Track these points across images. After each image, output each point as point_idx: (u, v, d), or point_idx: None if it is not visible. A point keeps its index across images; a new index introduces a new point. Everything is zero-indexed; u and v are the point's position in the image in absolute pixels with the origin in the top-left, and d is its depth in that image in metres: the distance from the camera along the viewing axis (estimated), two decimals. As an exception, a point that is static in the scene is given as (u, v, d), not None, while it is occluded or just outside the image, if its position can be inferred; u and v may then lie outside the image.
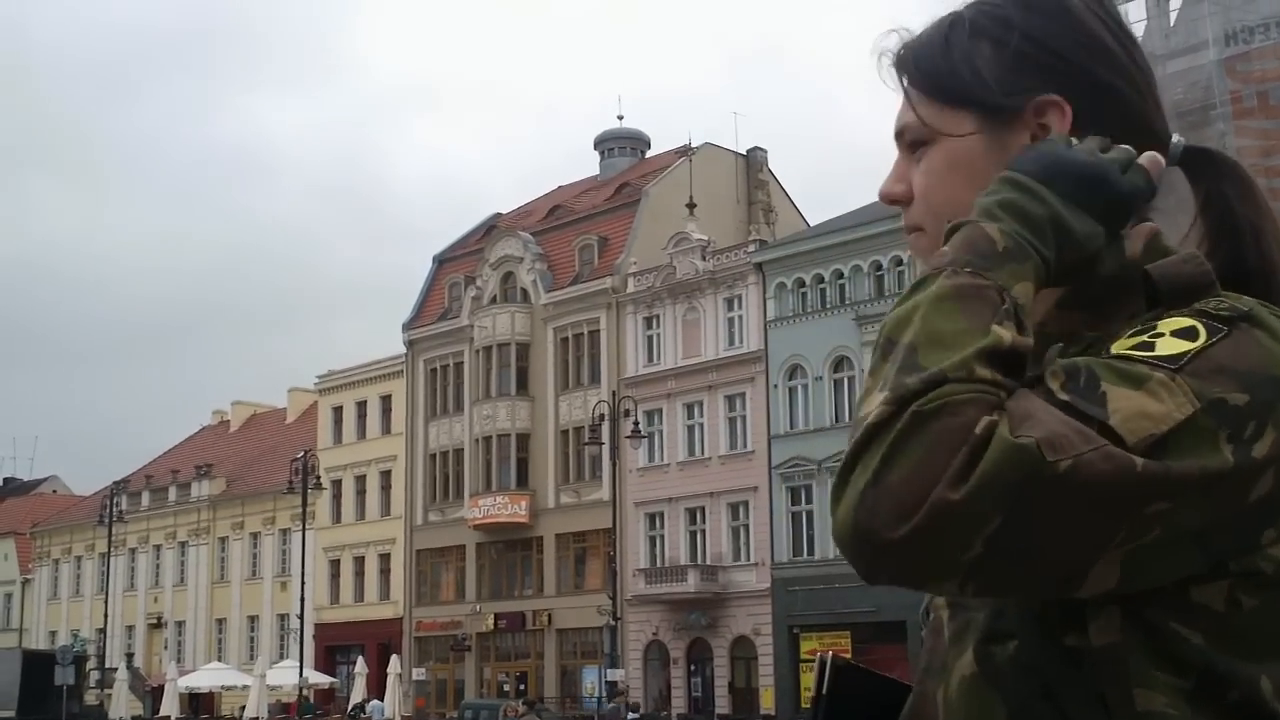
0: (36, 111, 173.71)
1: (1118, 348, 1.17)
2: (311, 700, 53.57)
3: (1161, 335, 1.16)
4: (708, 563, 50.44)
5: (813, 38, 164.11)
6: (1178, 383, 1.12)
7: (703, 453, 51.45)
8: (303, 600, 51.61)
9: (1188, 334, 1.16)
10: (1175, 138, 1.37)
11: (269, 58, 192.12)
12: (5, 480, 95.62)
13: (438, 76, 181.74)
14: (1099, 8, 1.38)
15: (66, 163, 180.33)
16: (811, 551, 47.68)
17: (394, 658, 50.20)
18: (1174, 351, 1.14)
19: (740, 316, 50.98)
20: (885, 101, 1.46)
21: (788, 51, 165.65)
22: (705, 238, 52.50)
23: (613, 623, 45.15)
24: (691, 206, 53.63)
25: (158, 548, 74.18)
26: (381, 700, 48.07)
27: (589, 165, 67.95)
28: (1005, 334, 1.13)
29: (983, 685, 1.24)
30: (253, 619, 68.54)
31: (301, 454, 51.68)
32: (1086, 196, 1.23)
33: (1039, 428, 1.07)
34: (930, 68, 1.40)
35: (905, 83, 1.43)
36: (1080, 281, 1.30)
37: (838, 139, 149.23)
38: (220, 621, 70.41)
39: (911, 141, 1.41)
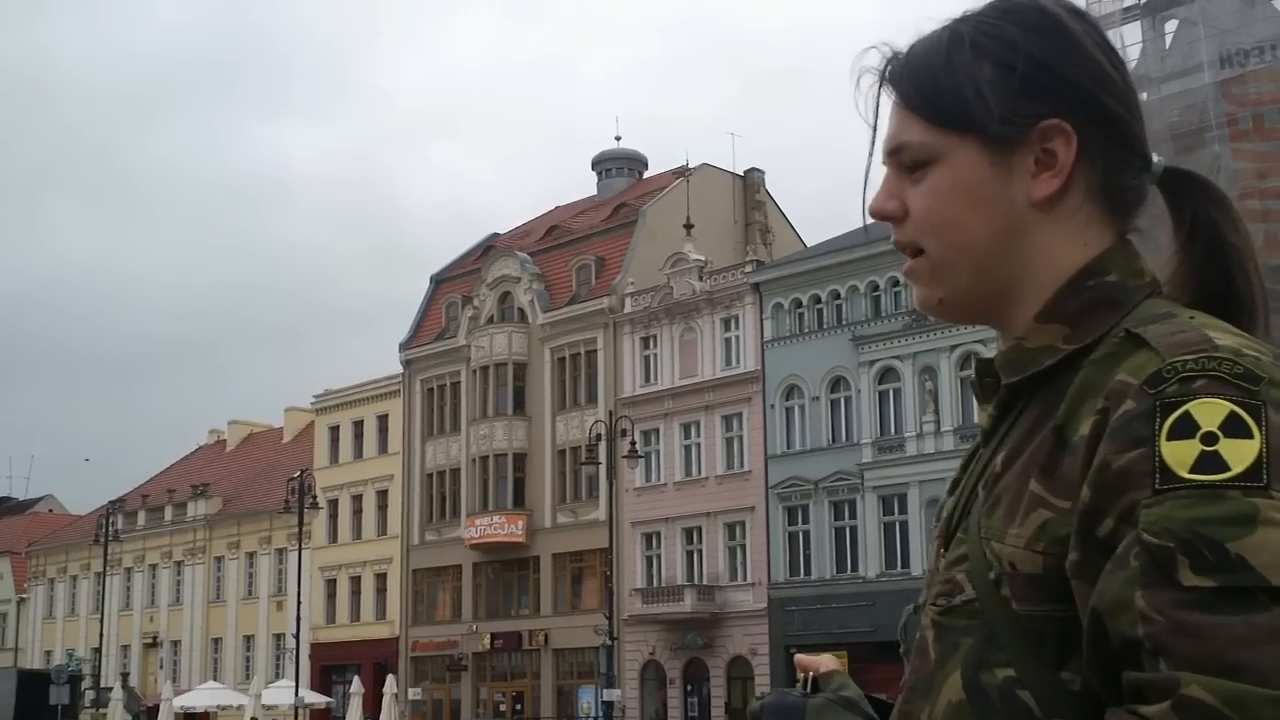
0: (59, 136, 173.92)
1: (1176, 466, 1.14)
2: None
3: (1215, 438, 1.14)
4: (704, 582, 50.36)
5: (827, 62, 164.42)
6: (1277, 497, 1.12)
7: (699, 473, 51.41)
8: (299, 620, 51.43)
9: (1237, 428, 1.14)
10: (1155, 158, 1.37)
11: (289, 86, 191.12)
12: (1, 499, 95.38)
13: (454, 102, 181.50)
14: (1092, 29, 1.36)
15: (85, 186, 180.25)
16: (808, 571, 47.62)
17: (390, 677, 50.01)
18: (1248, 461, 1.13)
19: (737, 337, 50.98)
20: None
21: (803, 75, 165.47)
22: (702, 258, 52.53)
23: (609, 642, 45.03)
24: (689, 227, 53.67)
25: (153, 567, 74.01)
26: (377, 720, 47.94)
27: (587, 186, 68.11)
28: None
29: (970, 713, 1.25)
30: (248, 638, 68.35)
31: (298, 473, 51.58)
32: None
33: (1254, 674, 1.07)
34: (931, 90, 1.35)
35: (899, 102, 1.38)
36: (1061, 295, 1.33)
37: (846, 161, 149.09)
38: (216, 641, 70.22)
39: (911, 161, 1.37)
